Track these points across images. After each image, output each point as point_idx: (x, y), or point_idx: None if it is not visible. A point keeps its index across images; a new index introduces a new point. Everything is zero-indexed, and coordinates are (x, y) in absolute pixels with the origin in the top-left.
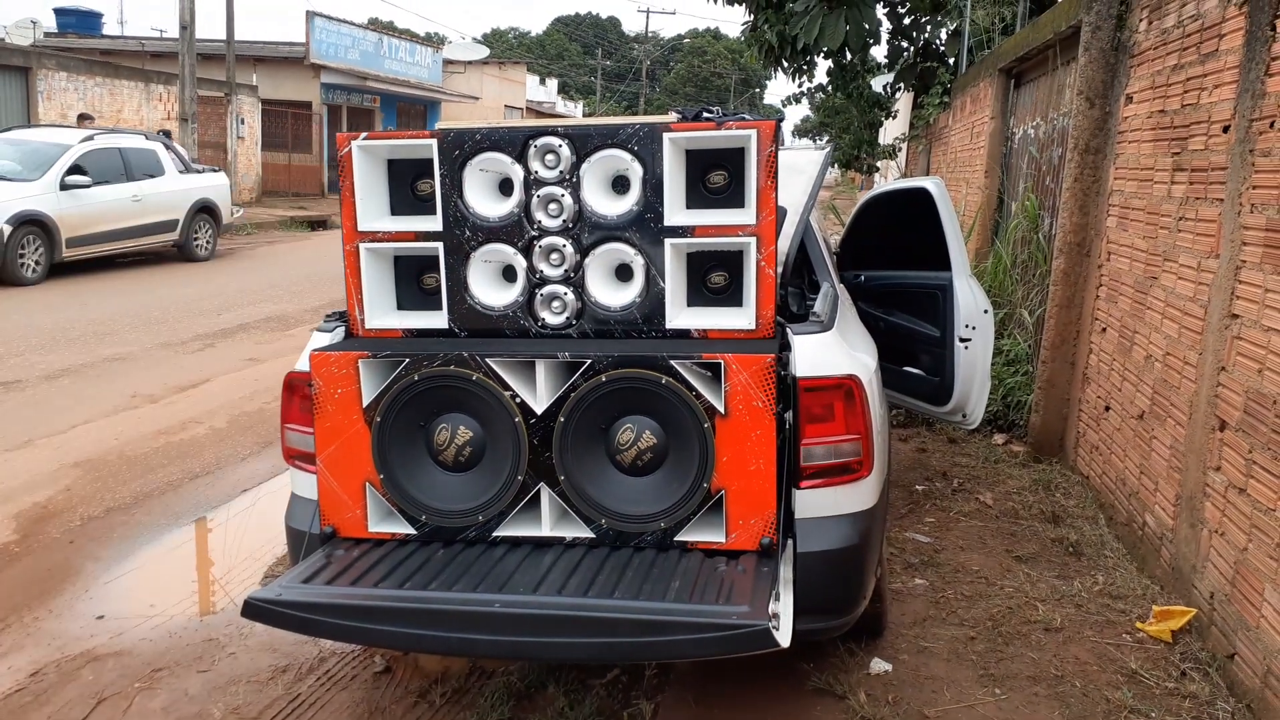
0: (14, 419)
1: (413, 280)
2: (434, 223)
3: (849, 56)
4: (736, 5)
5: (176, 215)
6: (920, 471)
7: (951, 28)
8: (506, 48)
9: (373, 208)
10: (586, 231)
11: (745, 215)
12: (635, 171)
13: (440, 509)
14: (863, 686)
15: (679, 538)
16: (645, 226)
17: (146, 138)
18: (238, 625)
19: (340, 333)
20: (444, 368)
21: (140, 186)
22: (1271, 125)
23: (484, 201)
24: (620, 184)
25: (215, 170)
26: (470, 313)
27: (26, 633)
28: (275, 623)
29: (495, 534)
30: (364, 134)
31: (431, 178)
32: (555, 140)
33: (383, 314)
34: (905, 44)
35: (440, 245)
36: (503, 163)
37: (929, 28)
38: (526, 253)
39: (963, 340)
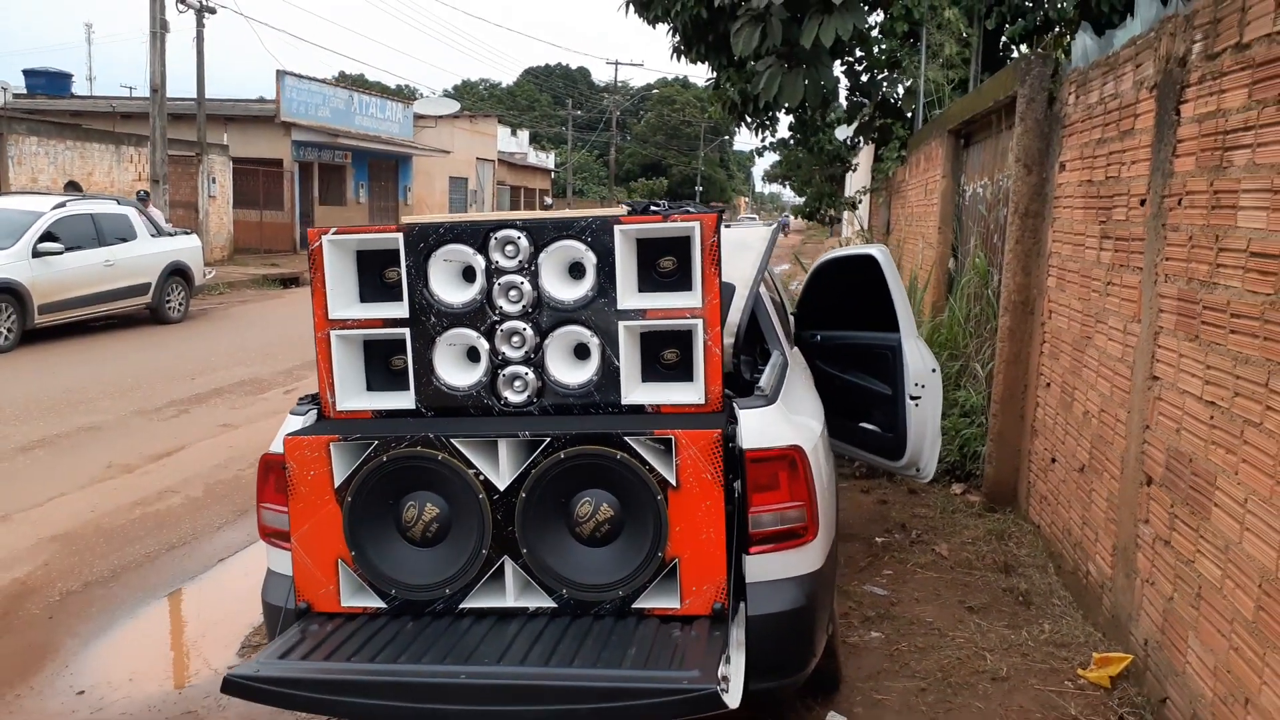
0: None
1: (381, 362)
2: (401, 309)
3: (809, 112)
4: (700, 63)
5: (149, 279)
6: (880, 524)
7: (907, 85)
8: (478, 99)
9: (342, 296)
10: (545, 315)
11: (692, 299)
12: (590, 259)
13: (409, 583)
14: None
15: (636, 605)
16: (600, 310)
17: (118, 202)
18: (215, 698)
19: (313, 415)
20: (411, 448)
21: (113, 251)
22: (1179, 203)
23: (448, 289)
24: (576, 270)
25: (187, 233)
26: (436, 393)
27: (9, 711)
28: (254, 698)
29: (462, 606)
30: (334, 229)
31: (398, 266)
32: (514, 232)
33: (353, 396)
34: (864, 100)
35: (407, 331)
36: (465, 254)
37: (884, 85)
38: (489, 336)
39: (913, 398)
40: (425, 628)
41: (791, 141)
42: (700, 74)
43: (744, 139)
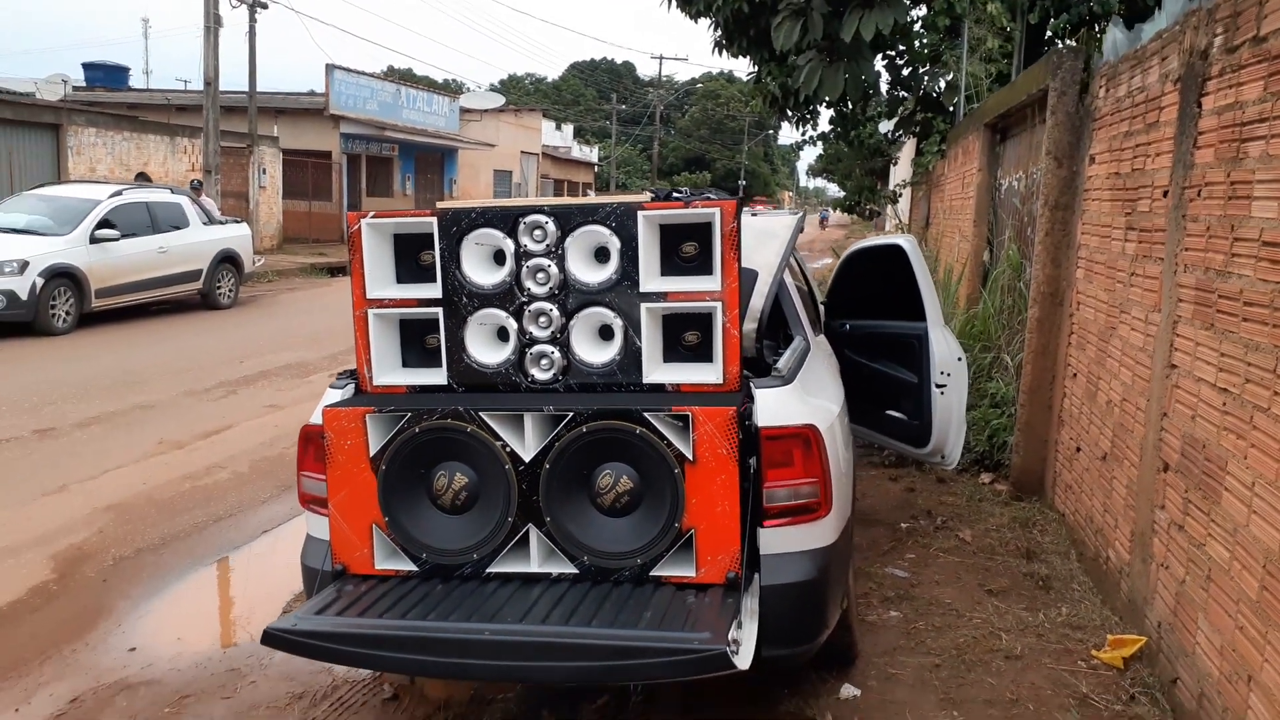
0: (50, 465)
1: (416, 340)
2: (435, 290)
3: (850, 106)
4: (741, 57)
5: (201, 265)
6: (906, 510)
7: (948, 79)
8: (523, 94)
9: (380, 277)
10: (571, 297)
11: (712, 282)
12: (614, 244)
13: (439, 548)
14: (831, 710)
15: (654, 572)
16: (624, 292)
17: (172, 191)
18: (258, 656)
19: (351, 389)
20: (442, 421)
21: (166, 239)
22: (1199, 194)
23: (479, 271)
24: (601, 254)
25: (238, 221)
26: (467, 370)
27: (65, 664)
28: (292, 650)
29: (488, 570)
30: (372, 213)
31: (432, 250)
32: (542, 217)
33: (389, 372)
34: (904, 94)
35: (440, 311)
36: (496, 238)
37: (926, 79)
38: (517, 316)
39: (939, 386)
40: (453, 590)
41: (832, 136)
42: (743, 68)
43: (788, 133)
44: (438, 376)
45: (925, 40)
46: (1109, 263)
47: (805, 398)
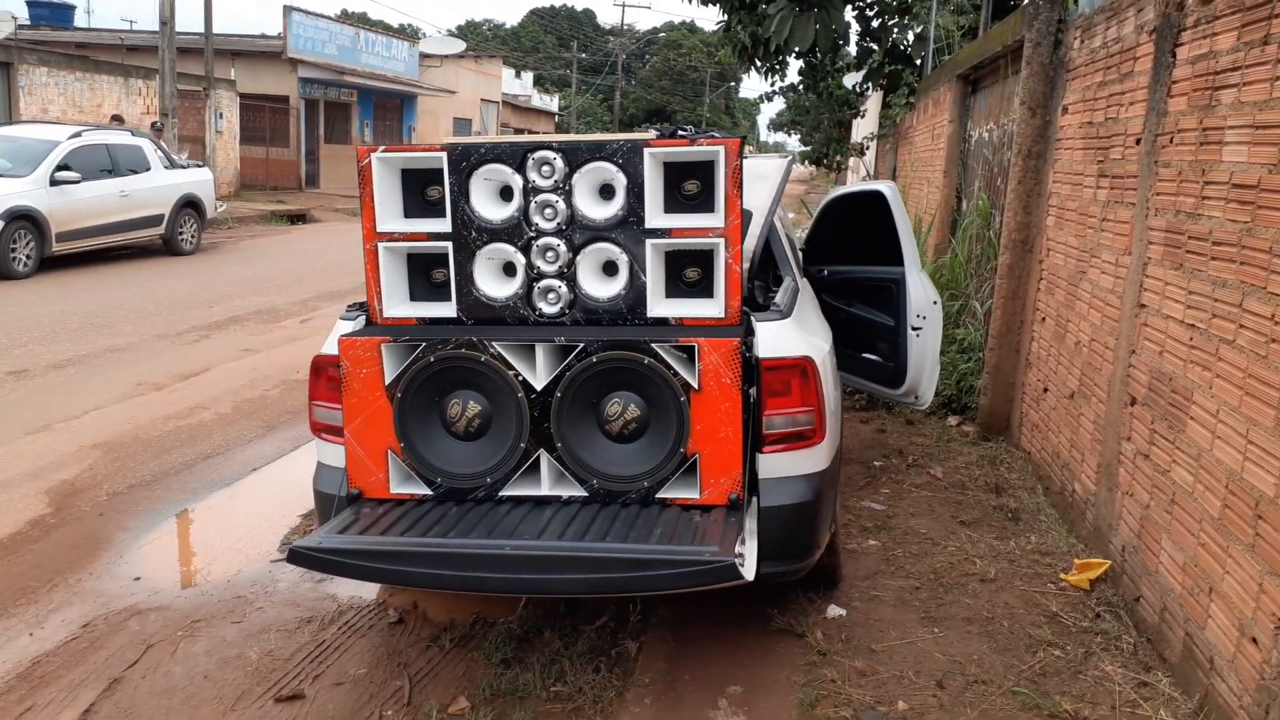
0: (29, 405)
1: (422, 275)
2: (444, 225)
3: (819, 57)
4: (711, 5)
5: (162, 210)
6: (878, 450)
7: (917, 31)
8: (481, 40)
9: (389, 211)
10: (578, 233)
11: (715, 219)
12: (620, 181)
13: (453, 472)
14: (819, 627)
15: (660, 495)
16: (629, 229)
17: (133, 134)
18: (261, 584)
19: (362, 320)
20: (456, 350)
21: (127, 182)
22: (1171, 140)
23: (488, 206)
24: (606, 191)
25: (199, 165)
26: (476, 303)
27: (72, 591)
28: (316, 567)
29: (501, 493)
30: (382, 147)
31: (439, 185)
32: (550, 154)
33: (398, 304)
34: (873, 45)
35: (449, 245)
36: (504, 173)
37: (895, 30)
38: (525, 251)
39: (914, 329)
40: (468, 511)
41: (801, 87)
42: (707, 17)
43: (750, 86)
44: (446, 309)
45: None
46: (1080, 209)
47: (801, 332)
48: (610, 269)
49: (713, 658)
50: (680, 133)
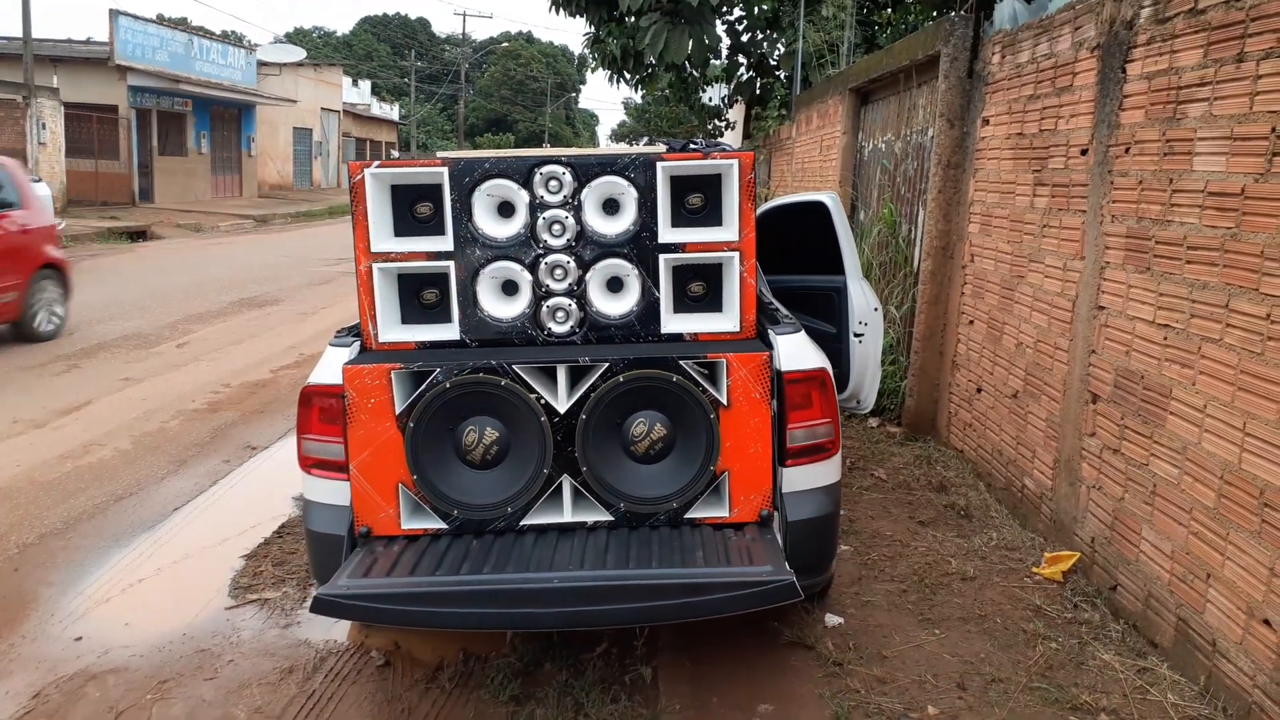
0: None
1: (411, 296)
2: (444, 243)
3: (690, 69)
4: (578, 17)
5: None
6: None
7: (786, 46)
8: (312, 47)
9: (381, 230)
10: (588, 249)
11: (728, 233)
12: (630, 195)
13: (471, 503)
14: (828, 638)
15: (689, 515)
16: (641, 244)
17: None
18: (223, 634)
19: (356, 346)
20: (474, 375)
21: None
22: (1127, 151)
23: (490, 223)
24: (612, 206)
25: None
26: (480, 324)
27: (11, 658)
28: (348, 615)
29: (522, 523)
30: (376, 163)
31: (428, 201)
32: (559, 168)
33: (392, 328)
34: (742, 59)
35: (450, 264)
36: (509, 189)
37: (764, 45)
38: (532, 269)
39: (857, 335)
40: (491, 544)
41: (671, 98)
42: (550, 27)
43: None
44: (446, 332)
45: (765, 5)
46: (1014, 217)
47: (813, 343)
48: (615, 285)
49: (734, 677)
50: (692, 145)
